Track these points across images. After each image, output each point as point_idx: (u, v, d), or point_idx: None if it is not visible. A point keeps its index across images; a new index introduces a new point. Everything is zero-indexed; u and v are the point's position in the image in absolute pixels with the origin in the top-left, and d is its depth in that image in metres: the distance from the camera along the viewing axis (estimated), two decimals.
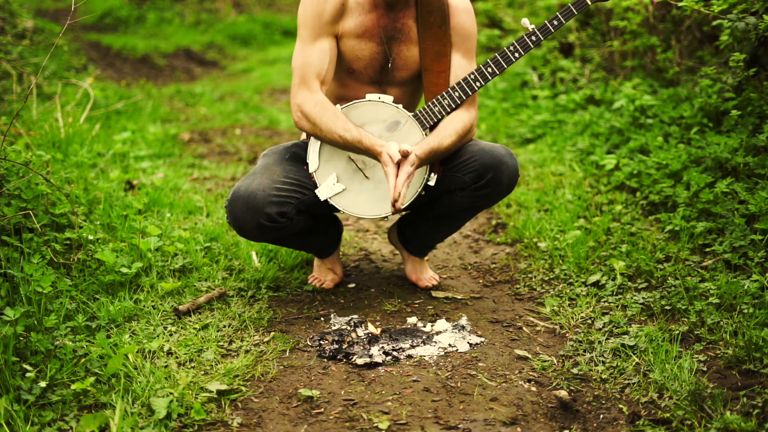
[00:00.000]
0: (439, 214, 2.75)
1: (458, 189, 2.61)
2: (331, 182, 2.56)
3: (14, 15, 5.72)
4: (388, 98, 2.56)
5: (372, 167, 2.57)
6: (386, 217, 2.59)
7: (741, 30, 3.11)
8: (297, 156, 2.67)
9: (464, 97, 2.54)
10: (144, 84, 7.16)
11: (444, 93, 2.54)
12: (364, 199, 2.58)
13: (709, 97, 3.55)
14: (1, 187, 2.67)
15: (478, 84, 2.53)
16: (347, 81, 2.65)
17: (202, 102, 6.73)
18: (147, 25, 11.02)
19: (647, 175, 3.40)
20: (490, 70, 2.52)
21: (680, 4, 3.32)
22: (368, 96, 2.56)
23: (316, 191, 2.55)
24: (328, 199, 2.55)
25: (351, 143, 2.48)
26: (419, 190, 2.58)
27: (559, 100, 4.95)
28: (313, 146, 2.56)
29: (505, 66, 2.52)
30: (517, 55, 2.51)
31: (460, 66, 2.61)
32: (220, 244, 3.06)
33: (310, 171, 2.56)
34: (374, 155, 2.48)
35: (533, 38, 2.49)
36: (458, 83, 2.54)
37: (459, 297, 2.81)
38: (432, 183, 2.59)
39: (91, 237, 2.78)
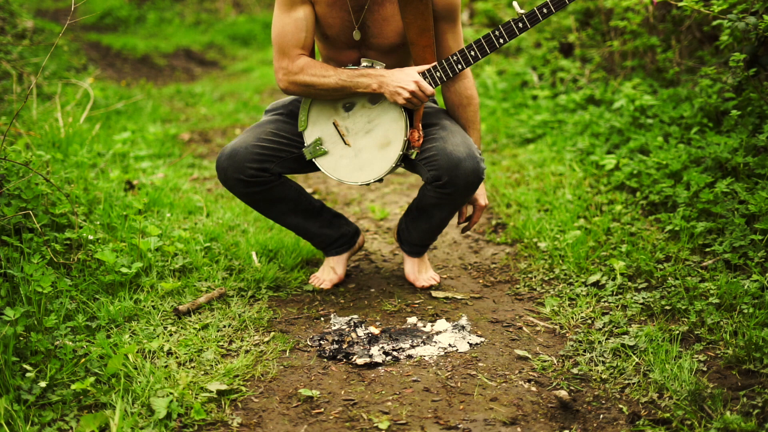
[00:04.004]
0: (416, 207, 2.79)
1: (426, 182, 2.64)
2: (316, 144, 2.64)
3: (14, 15, 5.72)
4: (381, 65, 2.57)
5: (354, 135, 2.61)
6: (368, 183, 2.64)
7: (741, 30, 3.11)
8: (294, 114, 2.74)
9: (444, 79, 2.53)
10: (144, 84, 7.16)
11: (425, 72, 2.53)
12: (344, 164, 2.64)
13: (709, 97, 3.55)
14: (1, 187, 2.67)
15: (459, 66, 2.51)
16: (328, 44, 2.67)
17: (202, 102, 6.73)
18: (147, 25, 11.02)
19: (647, 175, 3.40)
20: (473, 53, 2.49)
21: (680, 4, 3.32)
22: (363, 62, 2.58)
23: (303, 149, 2.65)
24: (313, 160, 2.65)
25: (351, 81, 2.52)
26: (396, 163, 2.59)
27: (559, 100, 4.95)
28: (303, 106, 2.65)
29: (488, 51, 2.48)
30: (501, 41, 2.45)
31: (453, 38, 2.61)
32: (220, 244, 3.06)
33: (299, 129, 2.66)
34: (377, 85, 2.51)
35: (520, 25, 2.43)
36: (440, 63, 2.52)
37: (459, 297, 2.81)
38: (413, 156, 2.61)
39: (91, 237, 2.78)
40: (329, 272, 2.92)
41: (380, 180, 2.64)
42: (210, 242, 3.05)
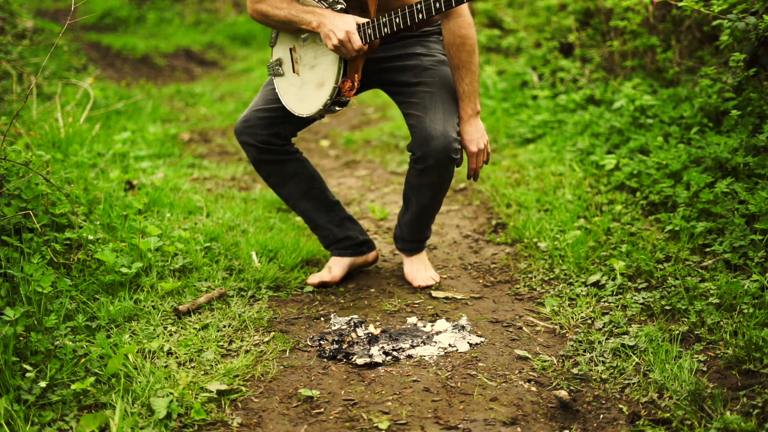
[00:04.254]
0: (403, 199, 2.84)
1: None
2: (276, 63, 2.70)
3: (14, 15, 5.72)
4: (342, 5, 2.51)
5: (303, 66, 2.63)
6: (303, 117, 2.63)
7: (741, 30, 3.11)
8: None
9: (373, 38, 2.46)
10: (144, 84, 7.16)
11: (362, 25, 2.45)
12: (292, 92, 2.67)
13: (709, 97, 3.55)
14: (1, 187, 2.67)
15: (386, 30, 2.44)
16: None
17: (202, 102, 6.73)
18: (147, 25, 11.02)
19: (647, 175, 3.40)
20: (398, 20, 2.43)
21: (680, 4, 3.32)
22: None
23: (267, 65, 2.72)
24: (273, 78, 2.71)
25: (297, 17, 2.51)
26: (325, 107, 2.55)
27: (559, 100, 4.95)
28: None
29: (409, 23, 2.42)
30: (420, 16, 2.40)
31: None
32: (220, 244, 3.06)
33: (269, 45, 2.74)
34: (314, 29, 2.49)
35: (437, 5, 2.36)
36: (372, 21, 2.45)
37: (459, 297, 2.81)
38: (348, 105, 2.68)
39: (91, 237, 2.78)
40: (325, 270, 2.93)
41: (319, 117, 2.63)
42: (210, 242, 3.05)
